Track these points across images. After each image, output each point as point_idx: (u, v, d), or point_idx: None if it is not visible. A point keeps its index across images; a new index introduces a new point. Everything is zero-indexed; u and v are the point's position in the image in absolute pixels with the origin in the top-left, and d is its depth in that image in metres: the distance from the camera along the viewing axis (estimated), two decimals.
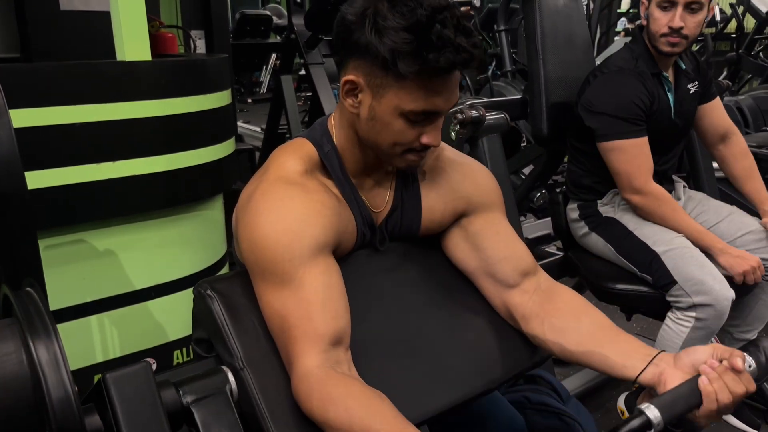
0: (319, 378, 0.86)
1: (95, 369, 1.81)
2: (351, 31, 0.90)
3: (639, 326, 2.63)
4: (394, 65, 0.87)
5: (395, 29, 0.86)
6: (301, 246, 0.89)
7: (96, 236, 1.76)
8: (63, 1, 2.03)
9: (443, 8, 0.87)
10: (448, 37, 0.86)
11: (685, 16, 1.73)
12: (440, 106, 0.92)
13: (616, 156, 1.78)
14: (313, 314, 0.88)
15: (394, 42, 0.86)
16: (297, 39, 3.12)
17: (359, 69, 0.92)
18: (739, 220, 1.90)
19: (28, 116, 1.54)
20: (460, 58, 0.87)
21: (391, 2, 0.87)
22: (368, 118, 0.95)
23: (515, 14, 4.04)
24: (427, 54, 0.85)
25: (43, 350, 0.57)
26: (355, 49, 0.91)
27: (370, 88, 0.92)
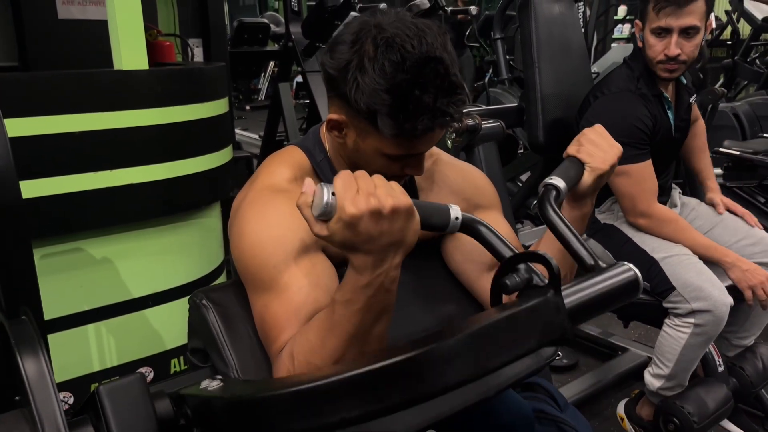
0: (289, 342, 0.85)
1: (92, 378, 1.81)
2: (333, 78, 0.90)
3: (636, 333, 2.63)
4: (373, 122, 0.88)
5: (374, 89, 0.85)
6: (284, 251, 0.89)
7: (93, 245, 1.76)
8: (61, 10, 2.04)
9: (429, 62, 0.85)
10: (427, 103, 0.85)
11: (681, 42, 1.68)
12: (421, 149, 0.95)
13: (621, 180, 1.75)
14: (294, 312, 0.87)
15: (372, 101, 0.86)
16: (294, 47, 3.13)
17: (343, 111, 0.92)
18: (732, 225, 1.91)
19: (25, 125, 1.55)
20: (438, 122, 0.88)
21: (376, 50, 0.85)
22: (353, 150, 0.96)
23: (512, 22, 4.06)
24: (404, 122, 0.86)
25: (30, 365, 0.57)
26: (338, 93, 0.91)
27: (353, 128, 0.93)
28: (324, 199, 0.68)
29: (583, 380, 2.15)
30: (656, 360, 1.76)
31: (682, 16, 1.65)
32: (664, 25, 1.67)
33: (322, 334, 0.78)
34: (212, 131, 1.98)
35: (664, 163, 1.87)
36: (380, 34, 0.86)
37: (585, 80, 2.18)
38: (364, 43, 0.86)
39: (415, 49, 0.85)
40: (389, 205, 0.69)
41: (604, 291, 0.68)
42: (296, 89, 6.79)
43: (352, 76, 0.86)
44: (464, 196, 1.11)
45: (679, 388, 1.76)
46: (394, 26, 0.87)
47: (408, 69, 0.84)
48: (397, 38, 0.85)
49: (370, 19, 0.89)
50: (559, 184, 0.91)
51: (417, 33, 0.86)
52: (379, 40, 0.85)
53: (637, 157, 1.73)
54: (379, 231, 0.69)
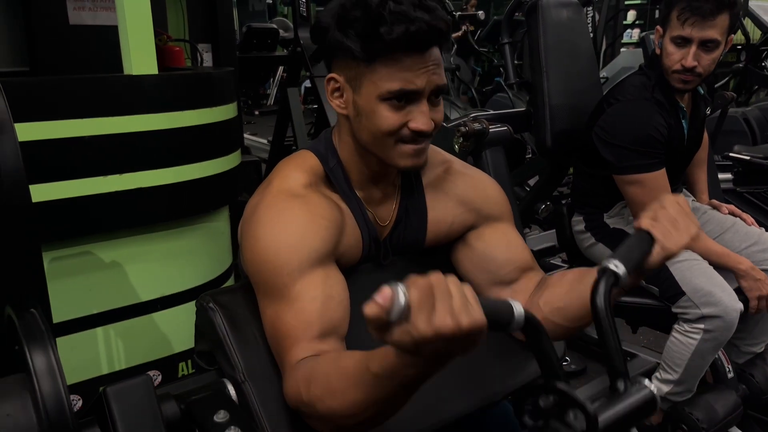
0: (304, 364, 0.84)
1: (101, 381, 1.82)
2: (324, 32, 0.93)
3: (646, 339, 2.62)
4: (359, 51, 0.89)
5: (354, 18, 0.89)
6: (299, 259, 0.89)
7: (102, 248, 1.77)
8: (72, 16, 2.06)
9: None
10: (402, 11, 0.86)
11: (699, 54, 1.65)
12: (416, 83, 0.91)
13: (634, 189, 1.73)
14: (306, 321, 0.87)
15: (353, 28, 0.89)
16: (303, 52, 3.14)
17: (337, 68, 0.95)
18: (743, 231, 1.89)
19: (36, 129, 1.56)
20: (416, 28, 0.86)
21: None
22: (355, 115, 0.96)
23: (520, 27, 4.06)
24: (377, 31, 0.87)
25: (39, 358, 0.57)
26: (329, 50, 0.94)
27: (349, 84, 0.94)
28: (400, 303, 0.61)
29: (591, 386, 2.14)
30: (665, 365, 1.75)
31: (704, 28, 1.62)
32: (685, 35, 1.64)
33: (345, 384, 0.76)
34: (221, 136, 1.99)
35: (675, 173, 1.86)
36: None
37: (593, 85, 2.17)
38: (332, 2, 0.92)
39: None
40: (466, 326, 0.62)
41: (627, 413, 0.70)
42: (305, 94, 6.81)
43: (335, 19, 0.91)
44: (474, 206, 1.11)
45: (688, 394, 1.75)
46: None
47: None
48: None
49: None
50: (619, 271, 0.81)
51: None
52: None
53: (652, 165, 1.71)
54: (447, 349, 0.64)
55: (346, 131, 1.01)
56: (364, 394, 0.74)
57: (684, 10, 1.62)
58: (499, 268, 1.08)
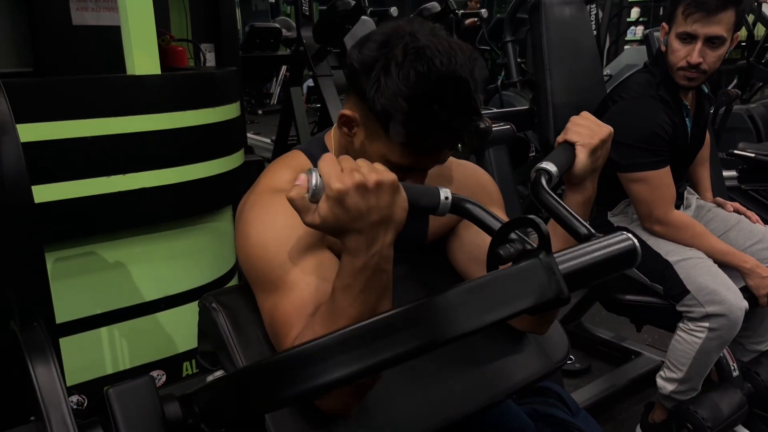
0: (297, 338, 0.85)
1: (105, 381, 1.82)
2: (357, 73, 0.90)
3: (650, 337, 2.61)
4: (385, 125, 0.88)
5: (394, 93, 0.85)
6: (290, 250, 0.89)
7: (106, 248, 1.77)
8: (75, 16, 2.06)
9: (454, 81, 0.85)
10: (442, 120, 0.86)
11: (704, 50, 1.65)
12: (427, 165, 0.95)
13: (638, 187, 1.73)
14: (303, 305, 0.87)
15: (389, 104, 0.86)
16: (306, 51, 3.14)
17: (358, 108, 0.93)
18: (748, 228, 1.89)
19: (39, 130, 1.56)
20: (449, 142, 0.89)
21: (405, 57, 0.85)
22: (359, 151, 0.96)
23: (523, 24, 4.05)
24: (416, 133, 0.86)
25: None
26: (356, 90, 0.91)
27: (364, 128, 0.93)
28: (313, 181, 0.71)
29: (595, 385, 2.14)
30: (669, 364, 1.74)
31: (710, 24, 1.61)
32: (690, 31, 1.64)
33: (327, 323, 0.79)
34: (224, 135, 1.99)
35: (679, 171, 1.85)
36: (413, 42, 0.86)
37: (597, 83, 2.17)
38: (395, 46, 0.86)
39: (443, 66, 0.84)
40: (373, 179, 0.71)
41: (599, 257, 0.66)
42: (308, 93, 6.82)
43: (375, 76, 0.86)
44: (467, 193, 1.10)
45: (693, 393, 1.74)
46: (427, 38, 0.86)
47: (432, 82, 0.84)
48: (428, 50, 0.85)
49: (405, 25, 0.89)
50: (550, 168, 0.91)
51: (448, 50, 0.86)
52: (410, 48, 0.85)
53: (656, 163, 1.70)
54: (366, 206, 0.71)
55: (342, 145, 1.01)
56: (342, 319, 0.76)
57: (689, 5, 1.62)
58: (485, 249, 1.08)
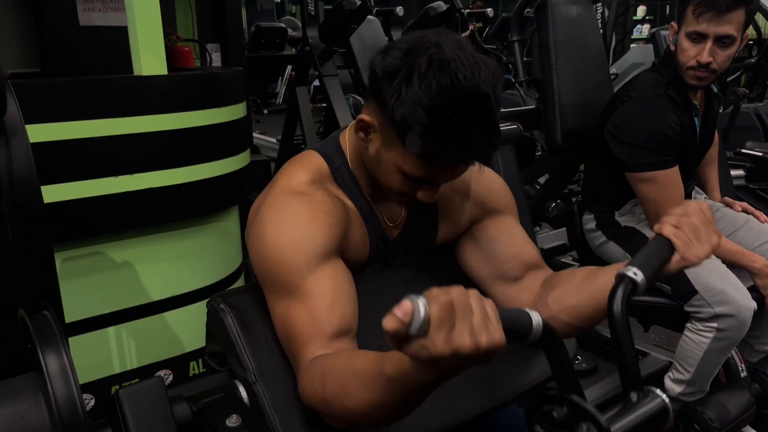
0: (319, 361, 0.85)
1: (113, 380, 1.83)
2: (378, 80, 0.90)
3: (657, 337, 2.60)
4: (402, 135, 0.88)
5: (415, 103, 0.84)
6: (306, 255, 0.89)
7: (113, 248, 1.78)
8: (82, 17, 2.07)
9: (476, 96, 0.84)
10: (461, 134, 0.85)
11: (714, 50, 1.63)
12: (441, 179, 0.94)
13: (647, 187, 1.72)
14: (318, 319, 0.87)
15: (409, 114, 0.85)
16: (311, 51, 3.14)
17: (376, 114, 0.92)
18: (756, 228, 1.88)
19: (47, 131, 1.57)
20: (465, 156, 0.89)
21: (428, 67, 0.84)
22: (373, 158, 0.96)
23: (529, 24, 4.04)
24: (433, 145, 0.86)
25: (53, 361, 0.57)
26: (377, 96, 0.91)
27: (381, 135, 0.93)
28: (420, 317, 0.59)
29: (602, 385, 2.13)
30: (677, 365, 1.73)
31: (720, 23, 1.60)
32: (700, 30, 1.62)
33: (359, 384, 0.76)
34: (230, 135, 1.99)
35: (687, 171, 1.84)
36: (437, 53, 0.85)
37: (603, 82, 2.16)
38: (419, 56, 0.86)
39: (467, 80, 0.84)
40: (484, 345, 0.61)
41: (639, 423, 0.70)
42: (313, 93, 6.82)
43: (396, 84, 0.86)
44: (479, 200, 1.11)
45: (700, 394, 1.73)
46: (452, 50, 0.86)
47: (454, 95, 0.83)
48: (452, 63, 0.84)
49: (431, 36, 0.89)
50: (638, 278, 0.79)
51: (473, 64, 0.85)
52: (434, 59, 0.85)
53: (665, 163, 1.69)
54: (466, 365, 0.63)
55: (356, 149, 1.01)
56: (378, 395, 0.74)
57: (700, 4, 1.60)
58: (503, 262, 1.08)
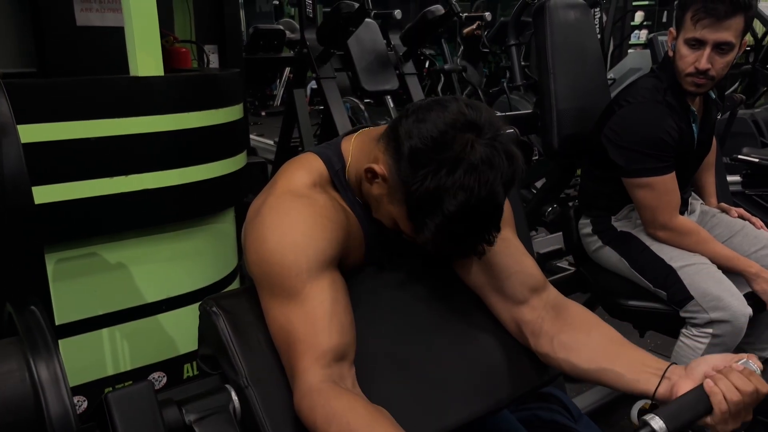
0: (322, 392, 0.85)
1: (105, 382, 1.82)
2: (402, 150, 0.89)
3: (653, 342, 2.60)
4: (411, 213, 0.90)
5: (434, 198, 0.85)
6: (307, 260, 0.89)
7: (108, 249, 1.77)
8: (79, 17, 2.06)
9: (490, 207, 0.87)
10: (463, 242, 0.90)
11: (713, 56, 1.62)
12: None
13: (644, 193, 1.72)
14: (318, 329, 0.87)
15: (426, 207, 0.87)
16: (309, 53, 3.14)
17: (389, 170, 0.91)
18: (752, 234, 1.88)
19: (42, 131, 1.56)
20: (474, 250, 0.93)
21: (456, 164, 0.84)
22: (375, 198, 0.97)
23: (527, 28, 4.05)
24: (434, 241, 0.88)
25: (44, 368, 0.57)
26: (398, 154, 0.89)
27: (389, 189, 0.93)
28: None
29: (597, 390, 2.13)
30: None
31: (719, 30, 1.59)
32: (699, 37, 1.61)
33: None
34: (227, 137, 1.99)
35: (685, 177, 1.84)
36: (470, 153, 0.85)
37: (601, 87, 2.16)
38: (453, 143, 0.85)
39: (485, 191, 0.85)
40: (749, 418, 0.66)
41: None
42: (311, 95, 6.82)
43: (423, 174, 0.85)
44: None
45: None
46: (484, 150, 0.85)
47: (470, 207, 0.85)
48: (480, 169, 0.85)
49: (469, 115, 0.87)
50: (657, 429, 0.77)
51: (498, 168, 0.86)
52: (464, 161, 0.84)
53: (662, 169, 1.69)
54: None
55: (358, 172, 1.00)
56: None
57: (698, 11, 1.60)
58: (501, 276, 1.07)
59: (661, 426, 0.76)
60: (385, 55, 3.40)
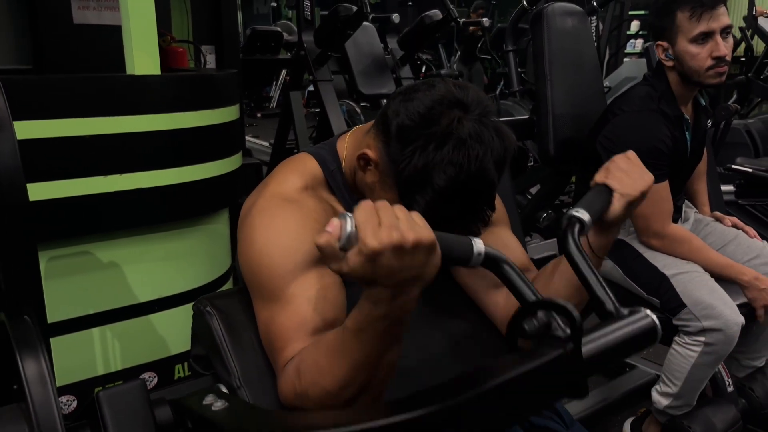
0: (295, 357, 0.84)
1: (96, 382, 1.80)
2: (389, 127, 0.89)
3: (645, 350, 2.60)
4: (402, 192, 0.88)
5: (424, 174, 0.85)
6: (294, 262, 0.89)
7: (101, 248, 1.76)
8: (76, 15, 2.06)
9: (482, 182, 0.86)
10: (458, 213, 0.88)
11: (723, 42, 1.68)
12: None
13: None
14: (300, 322, 0.86)
15: (415, 181, 0.86)
16: (306, 55, 3.14)
17: (380, 156, 0.91)
18: (746, 244, 1.88)
19: (37, 128, 1.55)
20: (455, 228, 0.89)
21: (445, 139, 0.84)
22: (368, 186, 0.96)
23: (524, 34, 4.06)
24: (438, 219, 0.85)
25: (31, 366, 0.56)
26: (387, 135, 0.89)
27: (380, 174, 0.92)
28: (348, 229, 0.65)
29: (589, 397, 2.12)
30: (664, 378, 1.73)
31: (718, 17, 1.66)
32: (706, 30, 1.66)
33: (331, 358, 0.77)
34: (222, 137, 1.98)
35: (678, 185, 1.85)
36: (458, 128, 0.84)
37: (597, 95, 2.17)
38: (438, 123, 0.85)
39: (475, 165, 0.84)
40: (411, 239, 0.65)
41: (621, 339, 0.66)
42: (307, 98, 6.82)
43: (410, 150, 0.85)
44: None
45: (687, 408, 1.73)
46: (473, 126, 0.85)
47: (460, 183, 0.84)
48: (469, 143, 0.84)
49: (457, 93, 0.87)
50: (583, 216, 0.86)
51: (489, 143, 0.85)
52: (453, 135, 0.84)
53: (656, 177, 1.70)
54: (399, 265, 0.66)
55: (352, 167, 1.00)
56: (349, 358, 0.74)
57: (695, 8, 1.65)
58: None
59: (580, 211, 0.86)
60: (382, 59, 3.40)
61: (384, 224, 0.65)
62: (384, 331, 0.72)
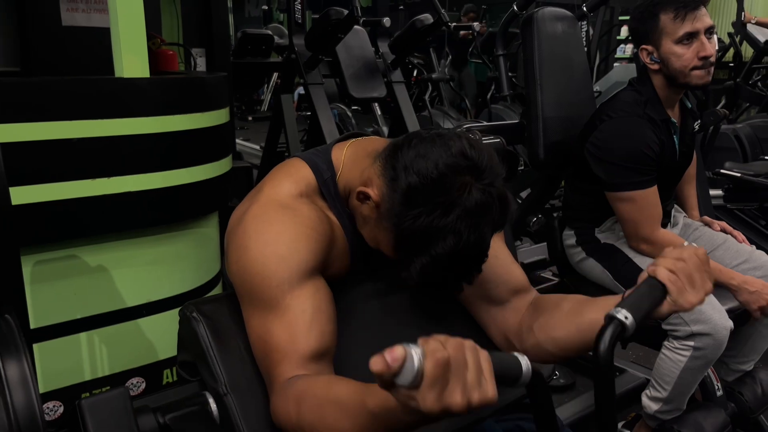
0: (294, 383, 0.83)
1: (83, 387, 1.78)
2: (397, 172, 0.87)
3: (635, 354, 2.61)
4: (398, 243, 0.88)
5: (424, 239, 0.84)
6: (289, 271, 0.88)
7: (88, 252, 1.74)
8: (65, 17, 2.04)
9: (478, 252, 0.88)
10: (461, 272, 0.90)
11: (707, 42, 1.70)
12: None
13: (625, 206, 1.73)
14: (296, 337, 0.86)
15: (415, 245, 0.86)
16: (297, 59, 3.13)
17: (383, 197, 0.90)
18: (734, 248, 1.89)
19: (23, 131, 1.54)
20: (455, 288, 0.93)
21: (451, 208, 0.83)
22: (363, 217, 0.95)
23: (515, 39, 4.08)
24: (429, 279, 0.88)
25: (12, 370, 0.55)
26: (394, 184, 0.87)
27: (378, 214, 0.91)
28: (410, 376, 0.57)
29: (580, 401, 2.13)
30: (654, 382, 1.74)
31: (701, 17, 1.67)
32: (691, 30, 1.67)
33: (338, 414, 0.75)
34: (212, 141, 1.97)
35: (667, 189, 1.86)
36: (467, 200, 0.84)
37: (587, 99, 2.17)
38: (451, 188, 0.84)
39: (478, 232, 0.85)
40: (475, 403, 0.61)
41: None
42: (298, 101, 6.81)
43: (416, 212, 0.84)
44: None
45: (677, 412, 1.74)
46: (481, 196, 0.84)
47: (459, 251, 0.85)
48: (476, 214, 0.84)
49: (471, 154, 0.86)
50: (627, 322, 0.77)
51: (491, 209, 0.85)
52: (461, 207, 0.83)
53: (643, 183, 1.71)
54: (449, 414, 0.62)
55: (349, 188, 1.00)
56: (357, 427, 0.73)
57: (678, 9, 1.66)
58: (489, 285, 1.07)
59: (626, 316, 0.76)
60: (374, 63, 3.40)
61: (451, 386, 0.59)
62: (402, 429, 0.69)
